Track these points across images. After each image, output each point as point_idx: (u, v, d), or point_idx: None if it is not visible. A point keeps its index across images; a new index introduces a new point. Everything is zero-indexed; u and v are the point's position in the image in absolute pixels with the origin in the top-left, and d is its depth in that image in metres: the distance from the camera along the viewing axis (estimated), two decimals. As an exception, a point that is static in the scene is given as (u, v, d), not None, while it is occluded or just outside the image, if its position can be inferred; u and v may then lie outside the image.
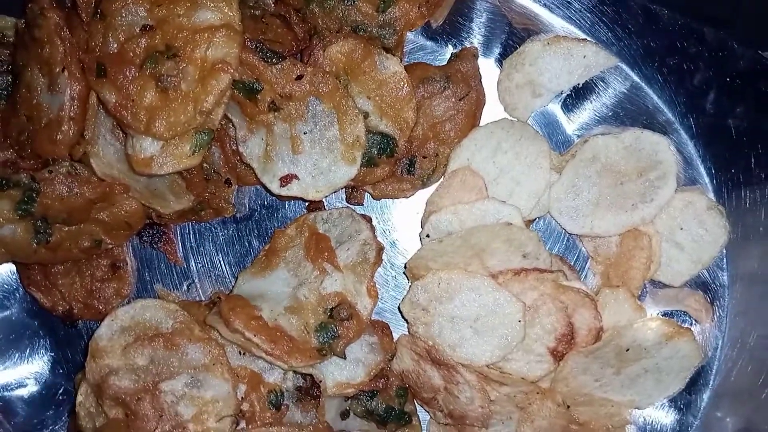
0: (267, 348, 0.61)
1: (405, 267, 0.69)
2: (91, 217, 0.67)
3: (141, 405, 0.59)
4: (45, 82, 0.61)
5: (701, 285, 0.70)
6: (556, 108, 0.71)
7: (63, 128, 0.59)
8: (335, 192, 0.68)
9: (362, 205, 0.73)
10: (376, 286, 0.67)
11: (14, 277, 0.73)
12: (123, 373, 0.61)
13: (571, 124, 0.70)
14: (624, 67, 0.69)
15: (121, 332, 0.63)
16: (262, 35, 0.62)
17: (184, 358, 0.62)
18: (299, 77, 0.63)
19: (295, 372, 0.65)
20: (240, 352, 0.64)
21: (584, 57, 0.68)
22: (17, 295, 0.73)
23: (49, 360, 0.74)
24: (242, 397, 0.62)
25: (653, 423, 0.71)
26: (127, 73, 0.59)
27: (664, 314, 0.70)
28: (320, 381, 0.64)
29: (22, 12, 0.65)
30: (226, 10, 0.58)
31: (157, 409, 0.59)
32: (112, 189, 0.65)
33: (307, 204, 0.72)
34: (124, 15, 0.60)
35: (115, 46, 0.60)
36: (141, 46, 0.59)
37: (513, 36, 0.70)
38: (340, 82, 0.64)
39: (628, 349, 0.66)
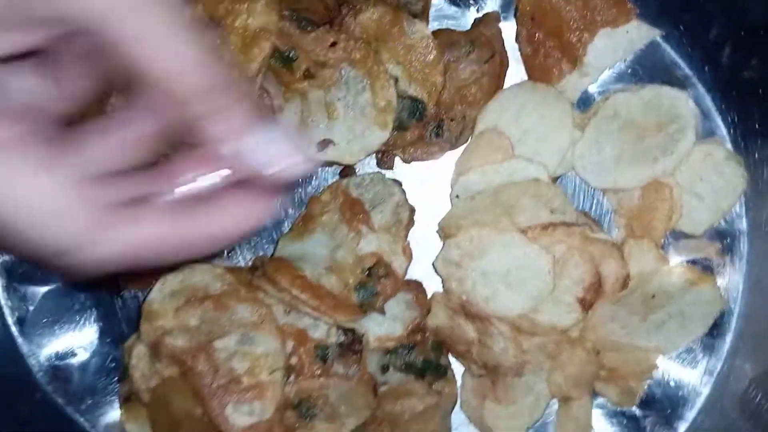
0: (313, 304, 0.64)
1: (438, 226, 0.73)
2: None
3: (196, 362, 0.63)
4: None
5: (721, 233, 0.73)
6: (576, 69, 0.73)
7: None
8: (369, 156, 0.71)
9: (392, 169, 0.75)
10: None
11: (61, 251, 0.76)
12: (177, 333, 0.64)
13: (591, 84, 0.73)
14: (643, 25, 0.72)
15: (172, 296, 0.66)
16: (296, 4, 0.65)
17: (234, 318, 0.65)
18: (333, 44, 0.65)
19: (337, 328, 0.68)
20: (285, 311, 0.67)
21: (627, 32, 0.70)
22: (63, 268, 0.77)
23: (97, 330, 0.77)
24: (290, 353, 0.65)
25: (679, 368, 0.74)
26: (170, 46, 0.61)
27: (687, 263, 0.73)
28: (363, 335, 0.68)
29: None
30: (263, -19, 0.61)
31: (212, 365, 0.63)
32: (157, 160, 0.68)
33: (339, 171, 0.75)
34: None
35: (157, 21, 0.62)
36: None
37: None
38: (371, 48, 0.67)
39: (653, 296, 0.70)
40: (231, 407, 0.61)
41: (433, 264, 0.73)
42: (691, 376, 0.74)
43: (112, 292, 0.76)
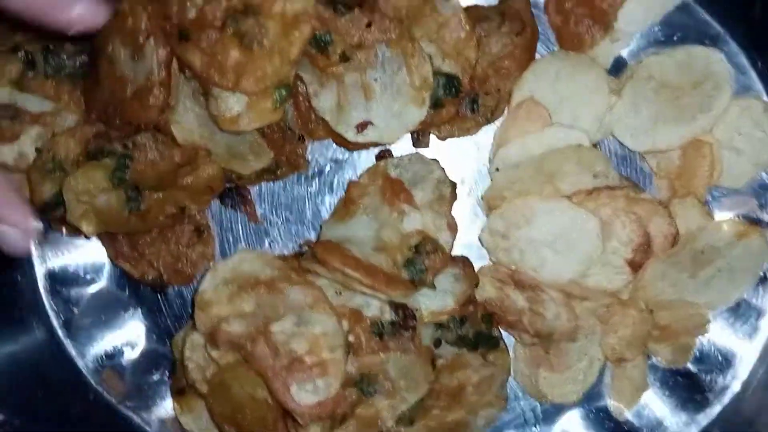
0: (367, 282, 0.64)
1: (481, 199, 0.73)
2: (176, 184, 0.70)
3: (256, 345, 0.63)
4: (128, 53, 0.64)
5: (762, 187, 0.73)
6: (607, 35, 0.74)
7: (154, 92, 0.62)
8: (408, 133, 0.72)
9: (428, 148, 0.75)
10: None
11: (102, 252, 0.76)
12: (233, 319, 0.64)
13: (624, 49, 0.73)
14: (670, -14, 0.72)
15: (224, 284, 0.66)
16: (329, -13, 0.65)
17: (287, 301, 0.65)
18: (368, 25, 0.66)
19: (390, 305, 0.68)
20: (337, 292, 0.68)
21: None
22: (106, 269, 0.77)
23: (143, 328, 0.77)
24: (347, 332, 0.65)
25: (730, 324, 0.74)
26: (210, 35, 0.61)
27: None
28: (416, 310, 0.68)
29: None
30: (298, -35, 0.61)
31: (272, 347, 0.63)
32: (197, 152, 0.68)
33: (376, 155, 0.75)
34: (198, -19, 0.63)
35: (194, 11, 0.62)
36: (220, 7, 0.61)
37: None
38: (403, 26, 0.67)
39: (702, 252, 0.70)
40: (296, 386, 0.61)
41: (479, 237, 0.73)
42: (743, 331, 0.74)
43: (156, 289, 0.77)
